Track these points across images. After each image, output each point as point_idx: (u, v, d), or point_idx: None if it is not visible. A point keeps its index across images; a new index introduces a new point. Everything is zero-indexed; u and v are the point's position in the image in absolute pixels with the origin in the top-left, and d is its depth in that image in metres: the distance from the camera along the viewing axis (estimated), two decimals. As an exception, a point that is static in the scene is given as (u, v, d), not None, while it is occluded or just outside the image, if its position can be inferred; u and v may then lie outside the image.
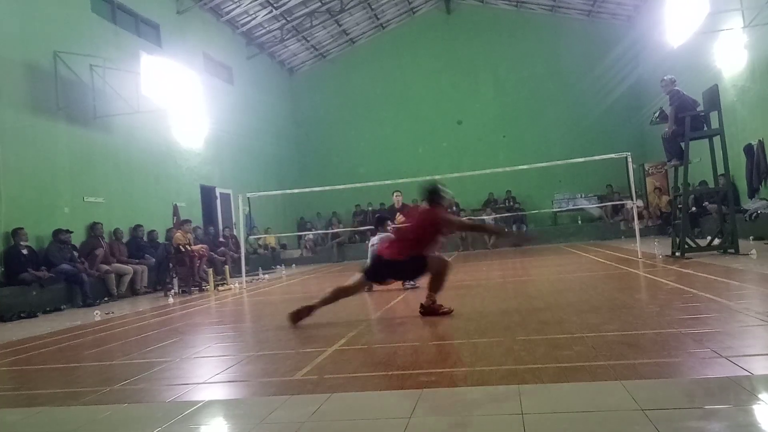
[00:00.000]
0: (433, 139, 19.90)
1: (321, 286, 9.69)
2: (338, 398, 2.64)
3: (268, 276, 12.70)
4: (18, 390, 3.56)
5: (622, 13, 18.43)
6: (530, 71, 19.56)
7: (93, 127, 10.97)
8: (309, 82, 21.36)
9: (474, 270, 9.77)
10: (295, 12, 17.48)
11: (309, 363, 3.38)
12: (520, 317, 4.46)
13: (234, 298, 8.62)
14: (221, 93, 16.05)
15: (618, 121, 18.52)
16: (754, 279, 5.38)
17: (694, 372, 2.61)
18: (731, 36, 11.11)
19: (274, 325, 5.38)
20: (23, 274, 8.55)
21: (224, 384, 3.24)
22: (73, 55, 10.45)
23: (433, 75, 20.43)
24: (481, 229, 4.88)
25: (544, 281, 7.03)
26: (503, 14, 20.06)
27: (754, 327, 3.34)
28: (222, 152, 15.79)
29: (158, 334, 5.29)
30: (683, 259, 7.69)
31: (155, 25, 13.62)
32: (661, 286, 5.54)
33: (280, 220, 18.61)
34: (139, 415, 2.71)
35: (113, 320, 6.85)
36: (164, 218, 12.84)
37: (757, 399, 2.18)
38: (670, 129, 8.05)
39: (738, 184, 11.27)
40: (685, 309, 4.07)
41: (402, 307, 5.72)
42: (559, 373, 2.77)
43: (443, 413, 2.43)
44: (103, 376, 3.65)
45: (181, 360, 4.00)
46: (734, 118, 11.12)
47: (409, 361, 3.32)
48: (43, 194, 9.74)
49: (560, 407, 2.33)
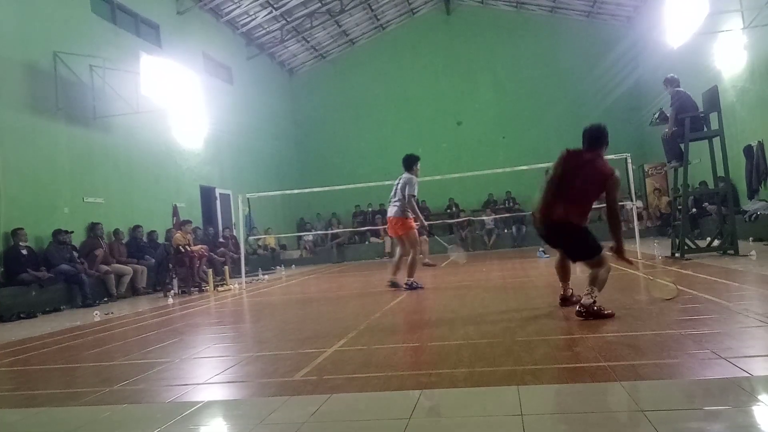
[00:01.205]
0: (433, 139, 19.90)
1: (320, 286, 9.70)
2: (338, 399, 2.64)
3: (267, 277, 12.70)
4: (17, 390, 3.55)
5: (622, 14, 18.44)
6: (530, 72, 19.57)
7: (93, 127, 10.97)
8: (309, 82, 21.37)
9: (474, 270, 9.77)
10: (295, 13, 17.49)
11: (309, 364, 3.38)
12: (519, 318, 4.46)
13: (233, 299, 8.62)
14: (221, 93, 16.05)
15: (617, 122, 18.40)
16: (754, 280, 5.38)
17: (694, 373, 2.61)
18: (731, 37, 11.12)
19: (273, 325, 5.38)
20: (23, 275, 8.55)
21: (224, 384, 3.24)
22: (72, 56, 10.45)
23: (433, 76, 20.44)
24: (617, 226, 4.10)
25: (543, 282, 7.02)
26: (503, 15, 20.07)
27: (754, 328, 3.34)
28: (222, 153, 15.80)
29: (158, 335, 5.28)
30: (683, 260, 7.69)
31: (155, 25, 13.63)
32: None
33: (280, 220, 18.61)
34: (139, 416, 2.70)
35: (113, 321, 6.85)
36: (164, 218, 12.84)
37: (756, 400, 2.18)
38: (669, 130, 8.05)
39: (738, 185, 11.28)
40: (684, 310, 4.07)
41: (401, 308, 5.72)
42: (558, 374, 2.77)
43: (443, 414, 2.43)
44: (102, 377, 3.65)
45: (180, 360, 4.00)
46: (734, 120, 11.13)
47: (409, 361, 3.32)
48: (42, 194, 9.74)
49: (560, 408, 2.33)
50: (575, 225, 4.19)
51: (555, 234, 4.37)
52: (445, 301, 5.96)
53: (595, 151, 4.30)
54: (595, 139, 4.32)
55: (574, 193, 4.18)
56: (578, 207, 4.21)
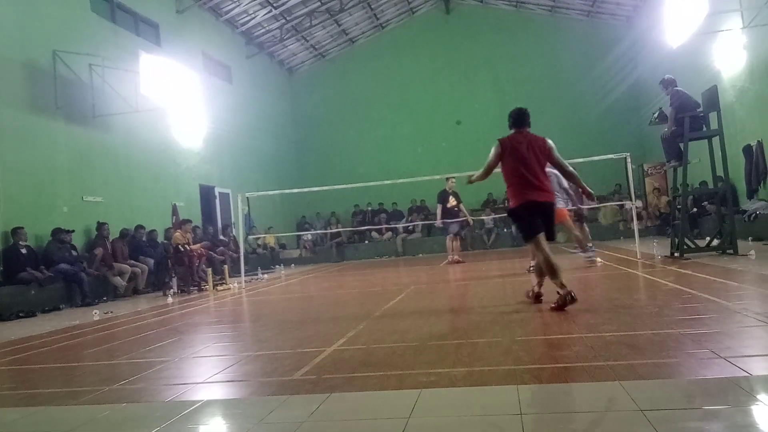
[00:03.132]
0: (433, 139, 19.90)
1: (320, 285, 9.70)
2: (337, 398, 2.64)
3: (267, 276, 12.70)
4: (17, 389, 3.56)
5: (622, 14, 18.44)
6: (529, 71, 19.56)
7: (92, 126, 10.96)
8: (308, 81, 21.36)
9: (473, 269, 9.78)
10: (295, 12, 17.48)
11: (308, 363, 3.39)
12: (519, 317, 4.46)
13: (233, 298, 8.62)
14: (220, 92, 16.04)
15: (617, 121, 18.53)
16: (753, 280, 5.38)
17: (693, 372, 2.61)
18: (730, 37, 11.11)
19: (273, 324, 5.38)
20: (22, 274, 8.54)
21: (223, 384, 3.24)
22: (72, 54, 10.44)
23: (433, 75, 20.43)
24: (575, 175, 4.53)
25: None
26: (503, 14, 20.07)
27: (753, 327, 3.34)
28: (221, 152, 15.79)
29: (157, 334, 5.28)
30: (682, 259, 7.70)
31: (154, 24, 13.61)
32: (659, 287, 5.54)
33: (279, 219, 18.60)
34: (138, 415, 2.71)
35: (112, 320, 6.85)
36: (163, 218, 12.83)
37: (755, 399, 2.18)
38: (669, 129, 8.05)
39: (737, 184, 11.28)
40: (683, 309, 4.07)
41: (401, 307, 5.72)
42: (557, 373, 2.77)
43: (442, 413, 2.43)
44: (101, 376, 3.65)
45: (179, 359, 4.00)
46: (733, 119, 11.13)
47: (408, 361, 3.32)
48: (42, 194, 9.73)
49: (559, 407, 2.34)
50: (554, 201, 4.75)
51: (544, 214, 4.71)
52: (445, 301, 5.96)
53: (526, 129, 4.81)
54: (526, 117, 4.82)
55: (539, 169, 4.67)
56: (547, 180, 4.77)
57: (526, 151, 4.67)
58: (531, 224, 4.68)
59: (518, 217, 4.83)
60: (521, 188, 4.68)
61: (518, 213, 4.76)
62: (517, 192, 4.70)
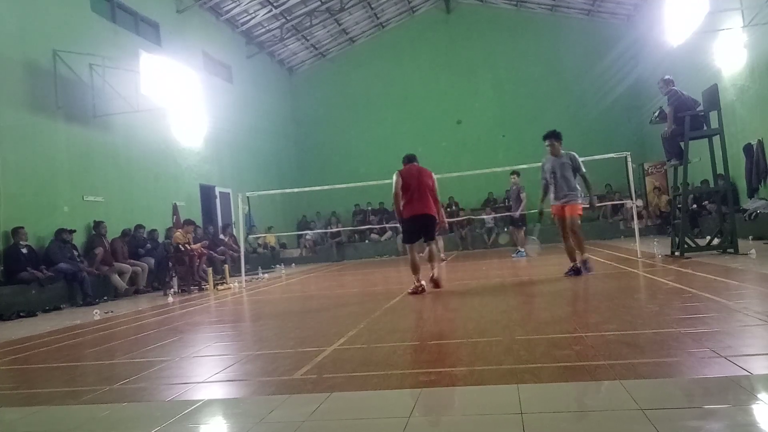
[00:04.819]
0: (433, 138, 19.88)
1: (320, 285, 9.69)
2: (337, 397, 2.64)
3: (267, 275, 12.70)
4: (17, 389, 3.56)
5: (622, 13, 18.43)
6: (530, 71, 19.55)
7: (92, 126, 10.97)
8: (308, 81, 21.36)
9: (473, 269, 9.78)
10: (295, 11, 17.48)
11: (308, 362, 3.38)
12: (519, 316, 4.46)
13: (233, 298, 8.62)
14: (221, 92, 16.05)
15: (617, 120, 18.52)
16: (754, 278, 5.38)
17: (693, 371, 2.61)
18: (731, 35, 11.10)
19: (273, 324, 5.38)
20: (22, 273, 8.55)
21: (223, 383, 3.24)
22: (72, 54, 10.44)
23: (433, 74, 20.42)
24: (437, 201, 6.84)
25: (543, 280, 7.03)
26: (503, 13, 20.06)
27: (754, 326, 3.34)
28: (221, 151, 15.80)
29: (158, 333, 5.28)
30: (682, 258, 7.69)
31: (155, 23, 13.61)
32: (660, 286, 5.54)
33: (280, 219, 18.61)
34: (139, 414, 2.70)
35: (112, 319, 6.85)
36: (164, 217, 12.84)
37: (756, 398, 2.18)
38: (669, 128, 8.05)
39: (737, 183, 11.28)
40: (684, 308, 4.07)
41: (401, 307, 5.72)
42: (558, 372, 2.77)
43: (442, 413, 2.43)
44: (102, 375, 3.65)
45: (180, 359, 4.00)
46: (733, 118, 11.12)
47: (409, 360, 3.32)
48: (42, 193, 9.74)
49: (559, 407, 2.33)
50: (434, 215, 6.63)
51: (428, 224, 6.64)
52: (445, 300, 5.96)
53: (415, 164, 6.90)
54: (414, 158, 7.00)
55: (428, 192, 6.61)
56: (434, 201, 6.69)
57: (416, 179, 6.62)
58: (411, 232, 6.63)
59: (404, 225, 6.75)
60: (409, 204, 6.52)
61: (405, 222, 6.65)
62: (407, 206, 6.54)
